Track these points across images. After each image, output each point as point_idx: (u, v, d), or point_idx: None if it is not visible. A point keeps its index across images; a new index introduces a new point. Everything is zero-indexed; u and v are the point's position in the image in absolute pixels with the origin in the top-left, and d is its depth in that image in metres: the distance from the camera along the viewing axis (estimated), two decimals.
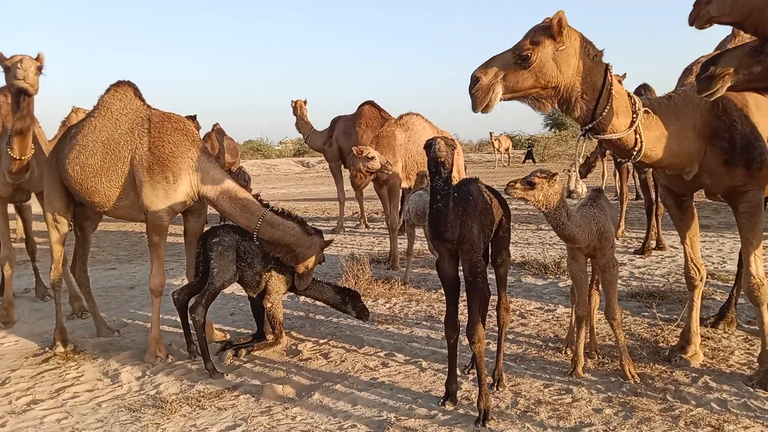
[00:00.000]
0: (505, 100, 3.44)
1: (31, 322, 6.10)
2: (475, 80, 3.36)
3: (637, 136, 3.57)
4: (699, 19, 3.13)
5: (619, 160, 3.82)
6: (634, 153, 3.62)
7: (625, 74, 9.87)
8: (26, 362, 4.91)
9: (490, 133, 30.00)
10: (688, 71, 3.99)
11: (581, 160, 3.46)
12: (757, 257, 3.88)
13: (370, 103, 11.44)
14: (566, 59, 3.39)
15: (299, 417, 3.74)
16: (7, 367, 4.81)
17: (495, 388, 3.96)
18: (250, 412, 3.83)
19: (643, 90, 8.22)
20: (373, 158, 7.20)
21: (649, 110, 3.65)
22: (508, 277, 3.77)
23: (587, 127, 3.53)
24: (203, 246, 4.76)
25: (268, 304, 4.89)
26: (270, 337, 5.03)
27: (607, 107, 3.46)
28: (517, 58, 3.36)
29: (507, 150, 30.28)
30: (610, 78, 3.47)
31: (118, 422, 3.78)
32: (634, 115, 3.56)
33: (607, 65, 3.50)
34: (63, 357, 4.93)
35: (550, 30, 3.34)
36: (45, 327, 5.78)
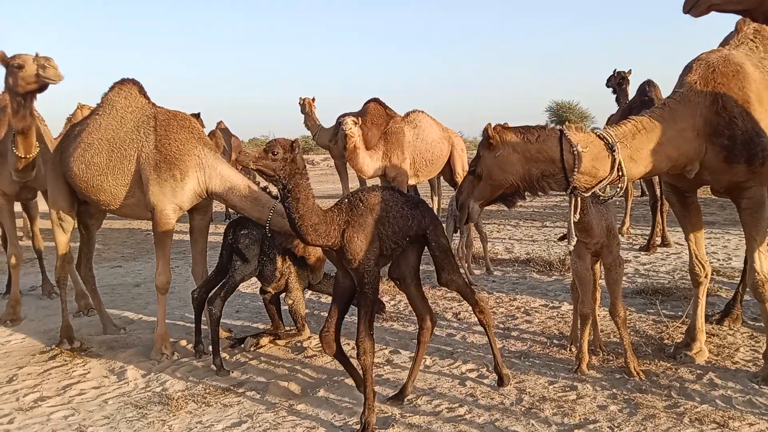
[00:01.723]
0: (484, 206, 3.85)
1: (38, 319, 6.14)
2: (456, 200, 3.90)
3: (619, 173, 3.60)
4: (698, 6, 2.91)
5: (602, 197, 3.91)
6: (619, 187, 3.70)
7: (630, 70, 9.85)
8: (33, 359, 4.94)
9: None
10: (687, 69, 3.98)
11: (576, 217, 3.61)
12: (761, 253, 3.87)
13: (376, 100, 11.42)
14: (506, 160, 3.61)
15: (304, 413, 3.75)
16: (14, 364, 4.84)
17: (498, 387, 3.97)
18: (256, 409, 3.85)
19: (647, 86, 8.18)
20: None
21: (640, 126, 3.68)
22: (514, 274, 3.78)
23: (569, 191, 3.62)
24: (231, 236, 4.78)
25: (290, 301, 4.93)
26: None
27: (575, 170, 3.53)
28: (472, 174, 3.76)
29: None
30: (567, 142, 3.53)
31: (125, 419, 3.80)
32: (614, 153, 3.57)
33: (561, 132, 3.58)
34: (69, 354, 4.96)
35: (484, 142, 3.69)
36: (51, 324, 5.81)
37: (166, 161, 4.68)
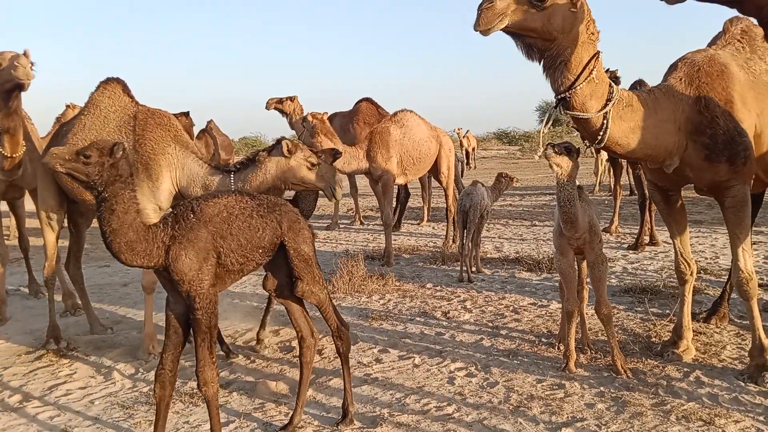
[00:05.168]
0: (504, 32, 3.47)
1: (24, 319, 6.07)
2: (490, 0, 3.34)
3: (605, 121, 3.64)
4: None
5: (585, 143, 3.86)
6: (599, 137, 3.69)
7: (617, 70, 9.90)
8: (19, 360, 4.89)
9: (457, 129, 27.00)
10: (673, 67, 4.04)
11: (541, 148, 3.55)
12: (745, 251, 3.91)
13: (368, 99, 11.42)
14: (572, 21, 3.47)
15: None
16: None
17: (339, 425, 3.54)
18: (244, 409, 3.83)
19: (638, 86, 8.24)
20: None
21: (630, 101, 3.72)
22: (503, 273, 3.68)
23: (560, 97, 3.60)
24: None
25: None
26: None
27: (583, 84, 3.55)
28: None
29: (473, 149, 27.61)
30: (594, 62, 3.57)
31: (111, 419, 3.77)
32: (607, 102, 3.63)
33: (598, 52, 3.61)
34: (56, 354, 4.91)
35: None
36: (38, 324, 5.75)
37: (143, 162, 4.64)
